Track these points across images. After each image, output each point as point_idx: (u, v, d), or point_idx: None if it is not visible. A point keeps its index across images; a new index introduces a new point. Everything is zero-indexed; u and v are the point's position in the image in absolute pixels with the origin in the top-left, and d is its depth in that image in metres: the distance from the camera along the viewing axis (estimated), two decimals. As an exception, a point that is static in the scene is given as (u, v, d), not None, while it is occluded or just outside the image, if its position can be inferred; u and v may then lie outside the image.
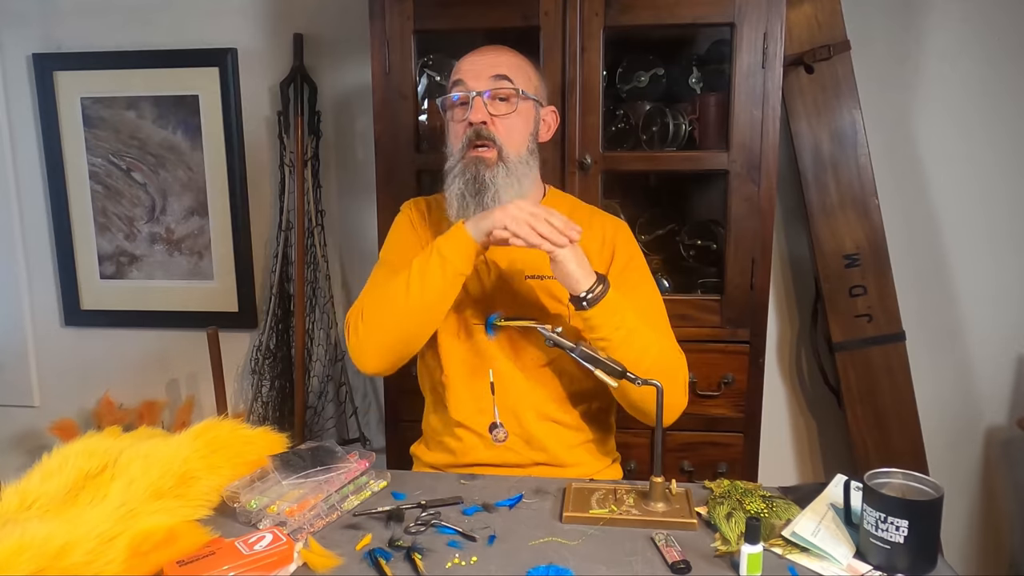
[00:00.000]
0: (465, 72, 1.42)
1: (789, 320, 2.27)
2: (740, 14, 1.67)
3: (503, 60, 1.43)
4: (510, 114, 1.41)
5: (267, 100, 2.32)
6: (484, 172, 1.37)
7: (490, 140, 1.39)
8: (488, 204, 1.36)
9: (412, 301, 1.32)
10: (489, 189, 1.37)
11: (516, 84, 1.41)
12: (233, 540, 1.07)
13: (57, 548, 0.96)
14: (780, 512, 1.13)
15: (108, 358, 2.52)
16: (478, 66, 1.42)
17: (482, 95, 1.39)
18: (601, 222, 1.52)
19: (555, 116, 1.52)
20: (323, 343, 2.37)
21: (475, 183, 1.37)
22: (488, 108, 1.39)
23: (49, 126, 2.38)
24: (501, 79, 1.40)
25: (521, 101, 1.42)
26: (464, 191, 1.37)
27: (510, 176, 1.39)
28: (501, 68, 1.41)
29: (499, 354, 1.45)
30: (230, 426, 1.30)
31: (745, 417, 1.81)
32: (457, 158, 1.41)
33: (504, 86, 1.40)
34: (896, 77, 2.11)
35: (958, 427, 2.24)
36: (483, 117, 1.38)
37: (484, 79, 1.40)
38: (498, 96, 1.40)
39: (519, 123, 1.42)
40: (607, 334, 1.31)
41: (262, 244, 2.40)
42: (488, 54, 1.44)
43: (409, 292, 1.32)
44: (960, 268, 2.18)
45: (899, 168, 2.14)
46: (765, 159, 1.72)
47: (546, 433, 1.45)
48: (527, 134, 1.44)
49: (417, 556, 1.06)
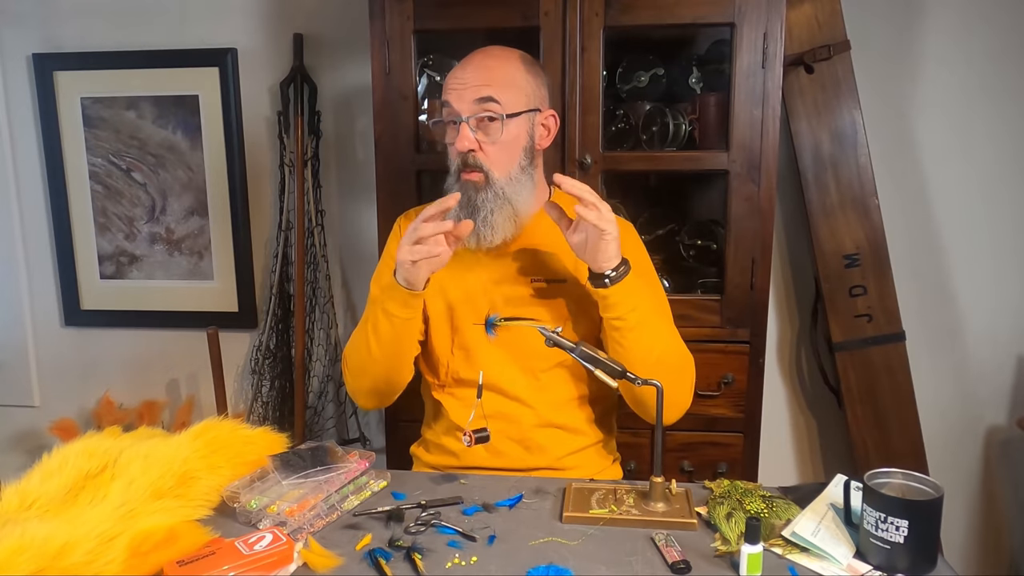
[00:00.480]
0: (451, 92, 1.40)
1: (789, 320, 2.27)
2: (740, 14, 1.67)
3: (490, 77, 1.39)
4: (496, 141, 1.39)
5: (267, 100, 2.32)
6: (475, 196, 1.38)
7: (476, 168, 1.38)
8: (479, 226, 1.37)
9: (375, 354, 1.41)
10: (480, 211, 1.38)
11: (503, 107, 1.37)
12: (233, 540, 1.07)
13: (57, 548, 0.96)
14: (780, 512, 1.13)
15: (108, 358, 2.52)
16: (464, 84, 1.39)
17: (468, 120, 1.37)
18: None
19: (555, 120, 1.49)
20: (323, 343, 2.36)
21: (468, 206, 1.38)
22: (475, 134, 1.38)
23: (49, 126, 2.38)
24: (487, 101, 1.37)
25: (507, 123, 1.39)
26: (459, 212, 1.38)
27: (499, 198, 1.39)
28: (487, 88, 1.37)
29: (502, 359, 1.44)
30: (230, 426, 1.30)
31: (745, 417, 1.81)
32: (453, 179, 1.43)
33: (490, 109, 1.37)
34: (896, 77, 2.11)
35: (958, 427, 2.24)
36: (470, 145, 1.37)
37: (468, 102, 1.37)
38: (487, 117, 1.38)
39: (508, 145, 1.40)
40: (623, 313, 1.33)
41: (262, 244, 2.40)
42: (475, 70, 1.40)
43: (370, 347, 1.41)
44: (960, 268, 2.18)
45: (899, 168, 2.14)
46: (765, 159, 1.72)
47: (547, 438, 1.45)
48: (518, 152, 1.42)
49: (417, 556, 1.06)
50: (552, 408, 1.45)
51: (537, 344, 1.35)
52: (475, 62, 1.42)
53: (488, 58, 1.42)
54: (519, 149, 1.42)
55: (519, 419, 1.44)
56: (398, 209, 1.85)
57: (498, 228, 1.39)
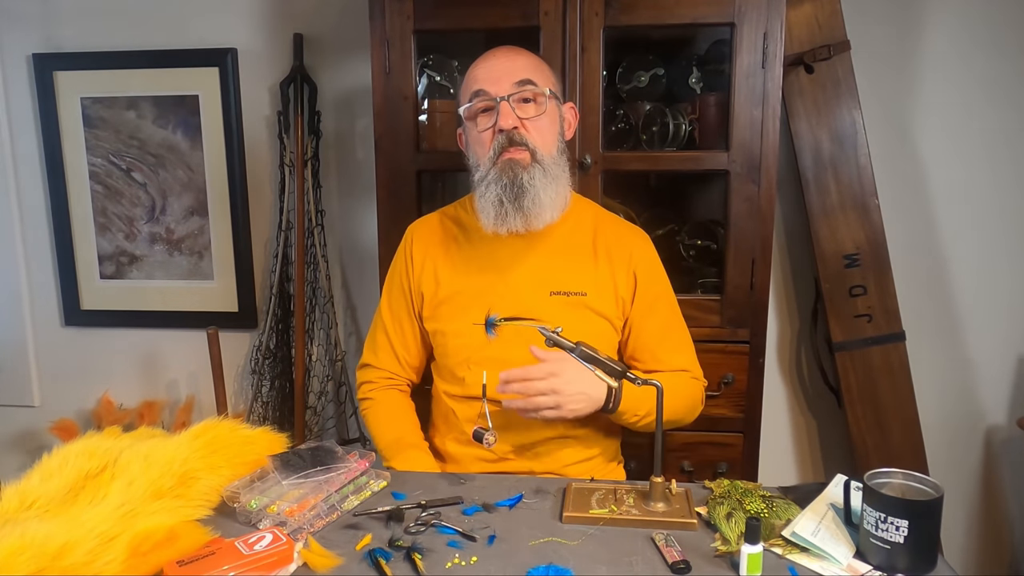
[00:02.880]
0: (483, 80, 1.38)
1: (789, 320, 2.27)
2: (740, 14, 1.67)
3: (521, 63, 1.39)
4: (540, 116, 1.37)
5: (267, 100, 2.32)
6: (522, 175, 1.34)
7: (523, 144, 1.35)
8: (528, 207, 1.34)
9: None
10: (528, 192, 1.34)
11: (540, 86, 1.37)
12: (233, 540, 1.07)
13: (57, 548, 0.96)
14: (780, 512, 1.13)
15: (108, 358, 2.52)
16: (496, 72, 1.37)
17: (508, 99, 1.35)
18: (625, 235, 1.50)
19: (574, 113, 1.49)
20: (323, 343, 2.36)
21: (513, 187, 1.34)
22: (516, 112, 1.35)
23: (49, 126, 2.38)
24: (525, 84, 1.36)
25: (548, 101, 1.38)
26: (502, 196, 1.34)
27: (547, 176, 1.36)
28: (521, 72, 1.37)
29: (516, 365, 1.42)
30: (230, 426, 1.30)
31: (745, 417, 1.81)
32: (489, 164, 1.37)
33: (529, 89, 1.36)
34: (896, 77, 2.11)
35: (958, 427, 2.24)
36: (514, 122, 1.35)
37: (506, 84, 1.36)
38: (523, 98, 1.36)
39: (548, 123, 1.39)
40: (633, 421, 1.40)
41: (262, 244, 2.40)
42: (503, 58, 1.40)
43: (380, 450, 1.50)
44: (960, 268, 2.18)
45: (899, 168, 2.14)
46: (765, 159, 1.72)
47: (557, 447, 1.44)
48: (556, 133, 1.41)
49: (417, 556, 1.06)
50: (565, 422, 1.43)
51: None
52: (500, 53, 1.41)
53: (513, 50, 1.42)
54: (556, 131, 1.41)
55: (530, 431, 1.43)
56: (398, 209, 1.85)
57: (546, 208, 1.36)
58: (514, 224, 1.36)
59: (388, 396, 1.56)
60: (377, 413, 1.55)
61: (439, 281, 1.48)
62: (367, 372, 1.59)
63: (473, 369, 1.44)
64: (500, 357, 1.41)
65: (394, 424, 1.52)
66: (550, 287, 1.43)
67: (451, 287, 1.47)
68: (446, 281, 1.48)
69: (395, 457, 1.46)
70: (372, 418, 1.56)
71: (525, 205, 1.34)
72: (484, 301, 1.43)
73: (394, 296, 1.54)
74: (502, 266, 1.44)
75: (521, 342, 1.40)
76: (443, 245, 1.50)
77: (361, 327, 2.41)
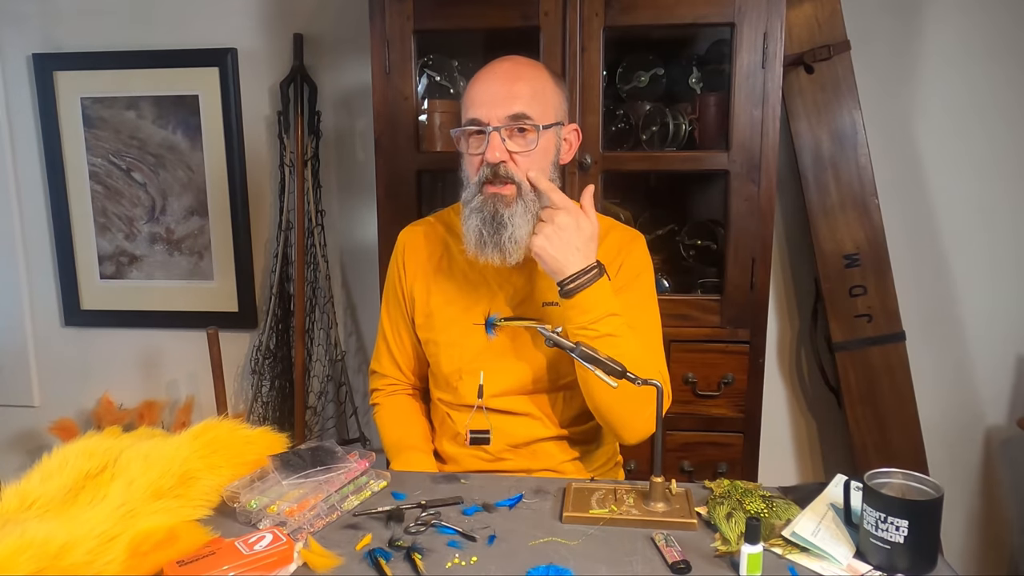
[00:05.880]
0: (479, 104, 1.33)
1: (789, 320, 2.27)
2: (740, 14, 1.67)
3: (520, 91, 1.32)
4: (530, 151, 1.33)
5: (267, 100, 2.32)
6: (503, 211, 1.32)
7: (508, 179, 1.32)
8: (505, 244, 1.32)
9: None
10: (507, 228, 1.32)
11: (535, 120, 1.32)
12: (233, 540, 1.07)
13: (57, 548, 0.96)
14: (780, 512, 1.13)
15: (108, 358, 2.52)
16: (493, 97, 1.32)
17: (499, 131, 1.31)
18: (619, 236, 1.47)
19: (577, 134, 1.44)
20: (323, 343, 2.36)
21: (493, 221, 1.32)
22: (506, 144, 1.32)
23: (49, 126, 2.38)
24: (520, 119, 1.32)
25: (543, 133, 1.34)
26: (482, 228, 1.33)
27: (528, 212, 1.33)
28: (517, 104, 1.31)
29: (512, 377, 1.42)
30: (230, 426, 1.29)
31: (745, 417, 1.81)
32: (474, 191, 1.35)
33: (523, 123, 1.32)
34: (896, 77, 2.11)
35: (958, 427, 2.24)
36: (502, 156, 1.31)
37: (500, 114, 1.31)
38: (516, 128, 1.32)
39: (540, 155, 1.34)
40: (581, 323, 1.29)
41: (262, 244, 2.40)
42: (503, 82, 1.34)
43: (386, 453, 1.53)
44: (960, 268, 2.18)
45: (899, 168, 2.14)
46: (765, 159, 1.72)
47: (554, 446, 1.44)
48: (548, 163, 1.37)
49: (417, 556, 1.06)
50: (564, 422, 1.44)
51: (550, 360, 1.36)
52: (502, 74, 1.35)
53: (517, 67, 1.36)
54: (548, 161, 1.37)
55: (526, 432, 1.43)
56: (398, 209, 1.85)
57: (522, 244, 1.34)
58: (492, 256, 1.34)
59: (393, 401, 1.58)
60: (382, 418, 1.58)
61: (430, 290, 1.48)
62: (374, 379, 1.62)
63: (465, 379, 1.44)
64: (492, 368, 1.41)
65: (396, 427, 1.54)
66: (543, 298, 1.42)
67: (442, 297, 1.46)
68: (437, 290, 1.47)
69: (395, 459, 1.49)
70: (379, 423, 1.58)
71: (503, 241, 1.32)
72: (475, 313, 1.43)
73: (391, 304, 1.55)
74: (493, 279, 1.44)
75: (514, 354, 1.40)
76: (434, 254, 1.49)
77: (361, 327, 2.42)
